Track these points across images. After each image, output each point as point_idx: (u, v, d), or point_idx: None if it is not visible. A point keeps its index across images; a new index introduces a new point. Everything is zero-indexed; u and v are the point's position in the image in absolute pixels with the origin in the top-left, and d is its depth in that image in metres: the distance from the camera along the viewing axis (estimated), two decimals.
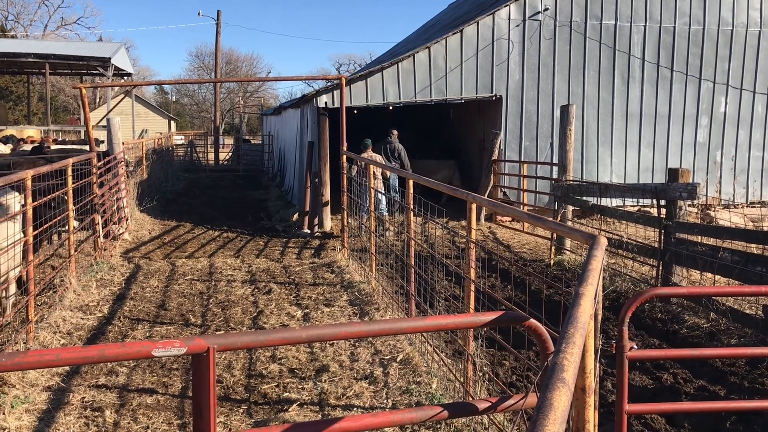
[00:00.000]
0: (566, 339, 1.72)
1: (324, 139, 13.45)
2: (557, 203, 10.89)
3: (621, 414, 3.26)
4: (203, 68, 76.75)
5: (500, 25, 14.43)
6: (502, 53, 14.51)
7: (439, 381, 5.42)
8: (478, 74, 14.44)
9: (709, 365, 6.30)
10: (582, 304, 2.04)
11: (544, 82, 14.79)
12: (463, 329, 5.52)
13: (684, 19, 15.25)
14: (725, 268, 7.15)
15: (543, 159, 14.74)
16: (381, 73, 14.02)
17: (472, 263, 4.82)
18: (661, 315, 7.82)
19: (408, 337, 6.45)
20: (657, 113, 15.35)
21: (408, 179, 6.77)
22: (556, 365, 1.54)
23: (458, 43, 14.28)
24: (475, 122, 16.94)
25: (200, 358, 1.93)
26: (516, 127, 14.84)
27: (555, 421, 1.27)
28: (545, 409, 1.31)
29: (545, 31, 14.63)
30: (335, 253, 10.72)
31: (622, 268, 9.60)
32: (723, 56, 15.53)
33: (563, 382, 1.44)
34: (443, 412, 2.23)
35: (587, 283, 2.31)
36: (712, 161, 15.75)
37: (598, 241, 3.06)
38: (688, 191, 7.84)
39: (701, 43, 15.40)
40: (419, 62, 14.12)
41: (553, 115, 14.58)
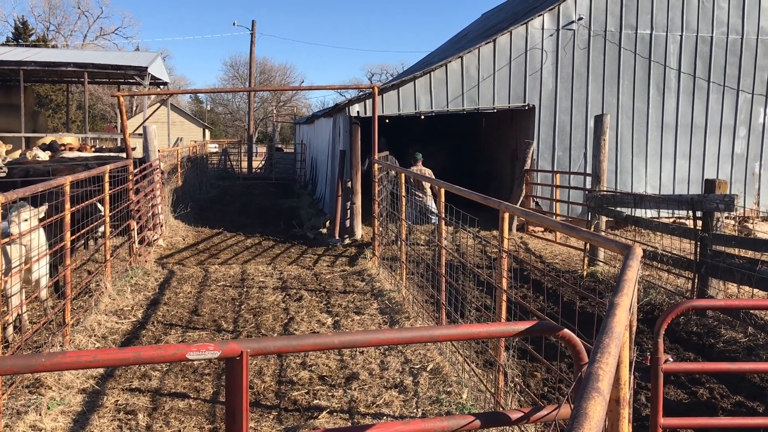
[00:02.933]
0: (601, 349, 1.70)
1: (356, 147, 13.50)
2: (591, 214, 10.77)
3: (656, 427, 3.20)
4: (237, 78, 77.80)
5: (534, 35, 14.37)
6: (536, 63, 14.43)
7: (470, 391, 5.39)
8: (511, 84, 14.39)
9: (747, 381, 6.16)
10: (617, 314, 2.01)
11: (578, 92, 14.67)
12: (494, 339, 5.48)
13: (722, 29, 15.01)
14: (764, 281, 6.99)
15: (576, 169, 14.60)
16: (413, 83, 14.05)
17: (504, 273, 4.79)
18: (697, 328, 7.67)
19: (438, 346, 6.43)
20: (693, 124, 15.12)
21: (440, 188, 6.76)
22: (591, 375, 1.52)
23: (491, 52, 14.25)
24: (507, 132, 16.86)
25: (233, 362, 1.95)
26: (549, 137, 14.74)
27: (590, 430, 1.25)
28: (580, 418, 1.29)
29: (579, 40, 14.53)
30: (366, 261, 10.74)
31: (657, 280, 9.44)
32: (762, 66, 15.24)
33: (598, 392, 1.42)
34: (475, 422, 2.21)
35: (622, 293, 2.28)
36: (750, 173, 15.43)
37: (634, 251, 3.02)
38: (726, 203, 7.70)
39: (739, 53, 15.14)
40: (452, 71, 14.12)
41: (586, 125, 14.45)
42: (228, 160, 32.27)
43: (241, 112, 75.40)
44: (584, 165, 14.52)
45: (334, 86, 15.40)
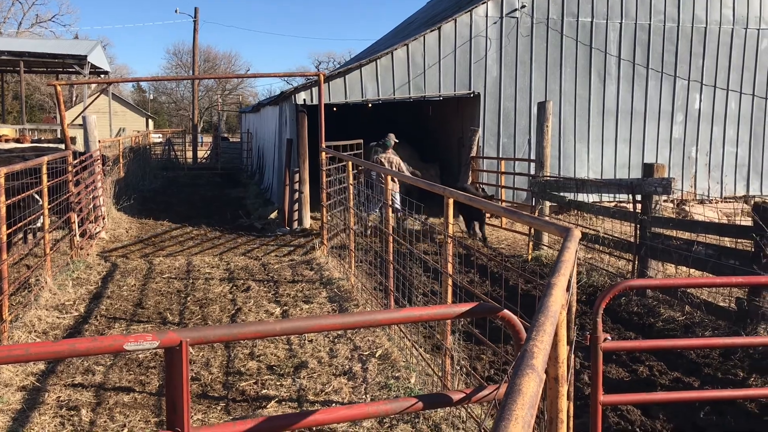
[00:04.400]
0: (536, 327, 1.74)
1: (303, 136, 13.41)
2: (535, 199, 10.97)
3: (596, 404, 3.30)
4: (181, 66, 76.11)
5: (478, 23, 14.49)
6: (480, 50, 14.57)
7: (418, 376, 5.44)
8: (456, 71, 14.49)
9: (684, 357, 6.39)
10: (553, 294, 2.06)
11: (522, 79, 14.88)
12: (441, 324, 5.55)
13: (659, 17, 15.42)
14: (699, 261, 7.25)
15: (521, 155, 14.83)
16: (359, 70, 14.02)
17: (450, 258, 4.84)
18: (638, 309, 7.91)
19: (387, 332, 6.47)
20: (633, 110, 15.52)
21: (386, 176, 6.78)
22: (525, 352, 1.56)
23: (436, 40, 14.32)
24: (453, 119, 16.99)
25: (173, 352, 1.92)
26: (494, 124, 14.92)
27: (523, 406, 1.28)
28: (514, 394, 1.32)
29: (522, 28, 14.72)
30: (315, 250, 10.70)
31: (599, 262, 9.69)
32: (697, 53, 15.74)
33: (532, 369, 1.46)
34: (418, 404, 2.24)
35: (559, 273, 2.33)
36: (687, 157, 15.95)
37: (572, 233, 3.09)
38: (663, 186, 7.94)
39: (676, 41, 15.59)
40: (398, 59, 14.14)
41: (530, 112, 14.68)
42: (172, 150, 31.65)
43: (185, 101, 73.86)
44: (528, 151, 14.75)
45: (279, 74, 15.15)
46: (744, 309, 6.59)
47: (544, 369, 1.53)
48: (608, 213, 9.36)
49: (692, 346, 4.53)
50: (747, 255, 6.71)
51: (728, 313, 6.92)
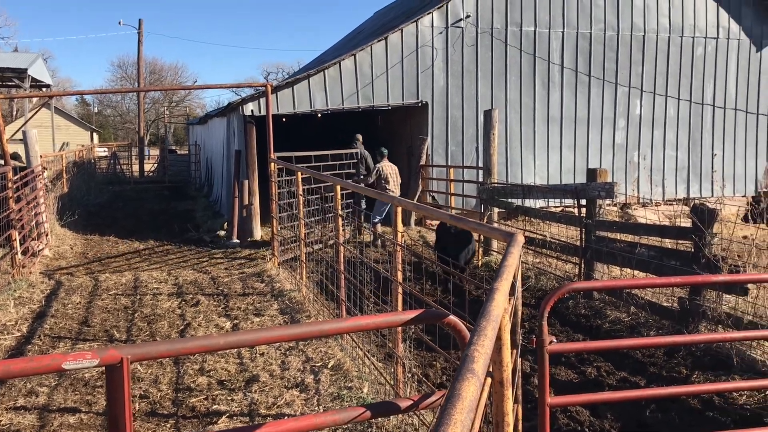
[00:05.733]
0: (478, 332, 1.77)
1: (251, 147, 13.31)
2: (483, 206, 11.11)
3: (543, 407, 3.35)
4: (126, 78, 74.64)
5: (424, 33, 14.64)
6: (427, 60, 14.72)
7: (371, 385, 5.44)
8: (404, 81, 14.61)
9: (631, 357, 6.55)
10: (495, 298, 2.09)
11: (468, 87, 15.09)
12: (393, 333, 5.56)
13: (599, 26, 15.85)
14: (642, 263, 7.45)
15: (469, 163, 15.01)
16: (307, 81, 14.00)
17: (399, 266, 4.87)
18: (585, 311, 8.08)
19: (339, 343, 6.45)
20: (577, 116, 15.89)
21: (336, 185, 6.78)
22: (467, 357, 1.58)
23: (383, 50, 14.41)
24: (402, 128, 17.10)
25: (114, 370, 1.89)
26: (442, 133, 15.08)
27: (462, 410, 1.30)
28: (453, 399, 1.34)
29: (467, 38, 14.94)
30: (265, 262, 10.61)
31: (547, 266, 9.87)
32: (637, 61, 16.22)
33: (472, 373, 1.48)
34: (366, 413, 2.25)
35: (502, 278, 2.37)
36: (629, 161, 16.40)
37: (515, 238, 3.15)
38: (606, 190, 8.14)
39: (616, 49, 16.04)
40: (345, 69, 14.17)
41: (477, 120, 14.88)
42: (118, 163, 31.00)
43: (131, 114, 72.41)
44: (477, 159, 14.94)
45: (226, 85, 14.98)
46: (686, 308, 6.79)
47: (485, 373, 1.55)
48: (554, 218, 9.55)
49: (634, 345, 4.65)
50: (687, 255, 6.93)
51: (671, 313, 7.12)
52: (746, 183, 17.50)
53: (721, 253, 6.70)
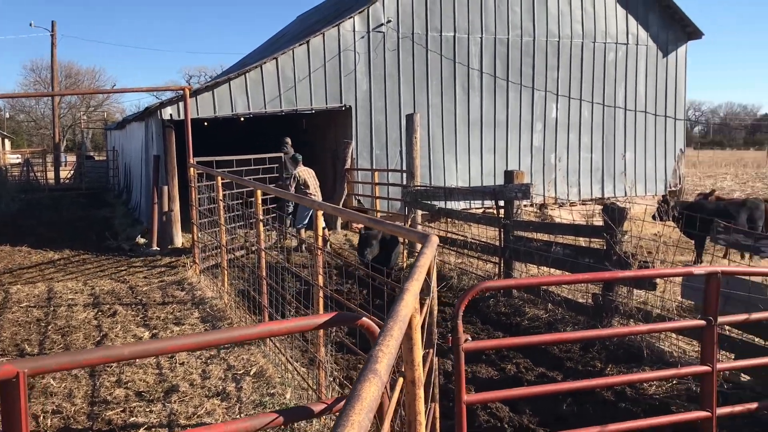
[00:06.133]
0: (384, 332, 1.79)
1: (170, 152, 13.00)
2: (407, 208, 11.22)
3: (460, 404, 3.41)
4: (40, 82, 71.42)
5: (346, 37, 14.68)
6: (350, 64, 14.76)
7: (294, 390, 5.40)
8: (327, 85, 14.59)
9: (549, 353, 6.74)
10: (405, 298, 2.12)
11: (391, 92, 15.21)
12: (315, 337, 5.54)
13: (516, 31, 16.28)
14: (558, 261, 7.69)
15: (394, 166, 15.13)
16: (228, 84, 13.79)
17: (320, 270, 4.86)
18: (505, 309, 8.26)
19: (262, 349, 6.38)
20: (496, 120, 16.26)
21: (256, 189, 6.70)
22: (370, 357, 1.60)
23: (306, 54, 14.36)
24: (327, 132, 17.08)
25: (9, 385, 1.81)
26: (366, 136, 15.14)
27: (361, 411, 1.31)
28: (352, 400, 1.35)
29: (389, 42, 15.07)
30: (186, 270, 10.38)
31: (469, 266, 10.05)
32: (552, 66, 16.74)
33: (375, 373, 1.50)
34: (278, 418, 2.23)
35: (413, 279, 2.40)
36: (547, 163, 16.90)
37: (430, 239, 3.20)
38: (523, 191, 8.36)
39: (533, 54, 16.52)
40: (267, 73, 14.04)
41: (401, 124, 15.01)
42: (32, 171, 29.66)
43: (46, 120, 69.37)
44: (401, 162, 15.06)
45: (142, 88, 14.58)
46: (599, 304, 7.05)
47: (388, 373, 1.57)
48: (475, 219, 9.74)
49: (545, 341, 4.81)
50: (600, 253, 7.20)
51: (586, 309, 7.38)
52: (656, 182, 18.32)
53: (631, 249, 6.99)
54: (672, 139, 18.51)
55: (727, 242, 5.86)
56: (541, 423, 5.20)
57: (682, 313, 7.12)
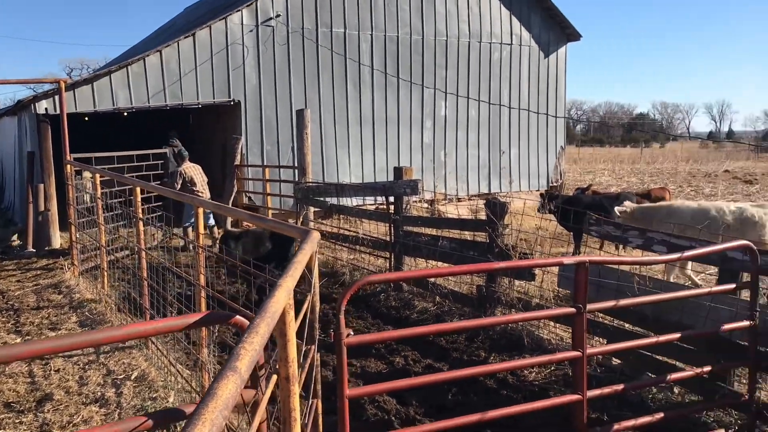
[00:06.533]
0: (250, 329, 1.76)
1: (46, 148, 12.29)
2: (299, 205, 11.15)
3: (342, 399, 3.42)
4: None
5: (233, 30, 14.37)
6: (238, 58, 14.47)
7: (177, 394, 5.25)
8: (215, 79, 14.24)
9: (436, 345, 6.90)
10: (276, 295, 2.10)
11: (281, 87, 15.05)
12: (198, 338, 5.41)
13: (405, 29, 16.51)
14: (445, 254, 7.88)
15: (285, 163, 14.96)
16: (109, 77, 13.19)
17: (202, 269, 4.74)
18: (395, 303, 8.38)
19: (144, 353, 6.16)
20: (387, 117, 16.44)
21: (135, 186, 6.44)
22: (232, 355, 1.57)
23: (191, 47, 13.94)
24: (216, 128, 16.67)
25: None
26: (257, 132, 14.91)
27: (215, 409, 1.29)
28: (207, 398, 1.32)
29: (279, 37, 14.89)
30: (63, 272, 9.84)
31: (362, 262, 10.12)
32: (440, 64, 17.11)
33: (234, 371, 1.47)
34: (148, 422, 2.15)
35: (287, 275, 2.39)
36: (437, 160, 17.27)
37: (310, 236, 3.19)
38: (411, 187, 8.50)
39: (422, 52, 16.81)
40: (151, 66, 13.53)
41: (292, 120, 14.88)
42: None
43: None
44: (293, 158, 14.94)
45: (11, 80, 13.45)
46: (483, 295, 7.29)
47: (249, 370, 1.55)
48: (366, 215, 9.81)
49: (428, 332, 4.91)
50: (483, 246, 7.43)
51: (471, 300, 7.61)
52: (539, 178, 19.14)
53: (512, 242, 7.26)
54: (554, 136, 19.39)
55: (598, 233, 6.19)
56: (427, 413, 5.32)
57: (561, 303, 7.48)
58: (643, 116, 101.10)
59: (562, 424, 4.82)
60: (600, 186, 24.00)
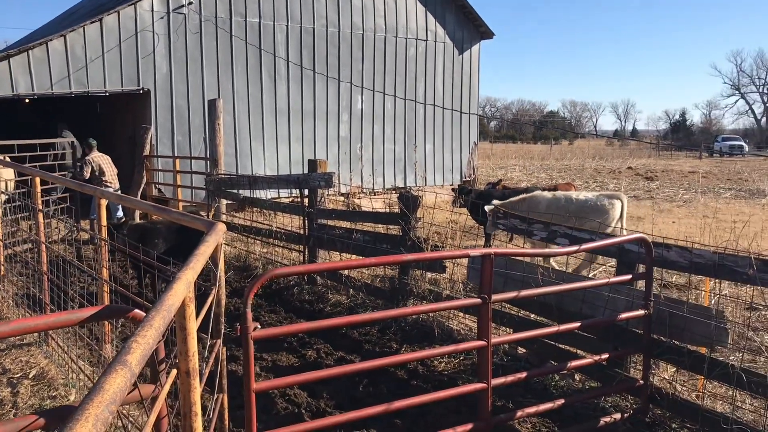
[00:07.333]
0: (144, 322, 1.73)
1: None
2: (210, 197, 10.93)
3: (249, 393, 3.40)
4: None
5: (143, 17, 13.90)
6: (148, 46, 14.01)
7: (78, 392, 5.06)
8: (123, 66, 13.74)
9: (349, 338, 6.93)
10: (174, 288, 2.06)
11: (194, 76, 14.68)
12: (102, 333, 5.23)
13: (321, 21, 16.43)
14: (359, 247, 7.93)
15: (198, 154, 14.63)
16: (8, 62, 12.49)
17: (105, 263, 4.58)
18: (309, 296, 8.36)
19: (43, 349, 5.90)
20: (303, 110, 16.33)
21: (34, 176, 6.15)
22: (123, 348, 1.54)
23: (98, 32, 13.40)
24: (124, 117, 16.10)
25: None
26: (167, 122, 14.50)
27: (100, 404, 1.26)
28: (93, 392, 1.29)
29: (191, 25, 14.51)
30: None
31: (276, 256, 10.04)
32: (357, 58, 17.14)
33: (123, 365, 1.44)
34: (39, 420, 2.07)
35: (187, 267, 2.34)
36: (353, 153, 17.30)
37: (214, 227, 3.14)
38: (326, 180, 8.50)
39: (338, 45, 16.78)
40: (54, 51, 12.91)
41: (204, 110, 14.54)
42: None
43: None
44: (205, 150, 14.60)
45: None
46: (395, 287, 7.37)
47: (141, 364, 1.52)
48: (279, 207, 9.73)
49: (337, 324, 4.94)
50: (396, 239, 7.52)
51: (384, 292, 7.68)
52: (453, 173, 19.50)
53: (424, 235, 7.38)
54: (467, 132, 19.78)
55: (505, 227, 6.38)
56: (338, 406, 5.34)
57: (470, 294, 7.66)
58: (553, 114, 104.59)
59: (469, 412, 4.95)
60: (511, 181, 24.69)
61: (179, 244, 7.91)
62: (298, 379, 3.74)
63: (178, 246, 7.89)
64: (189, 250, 2.61)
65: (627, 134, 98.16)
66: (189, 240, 8.49)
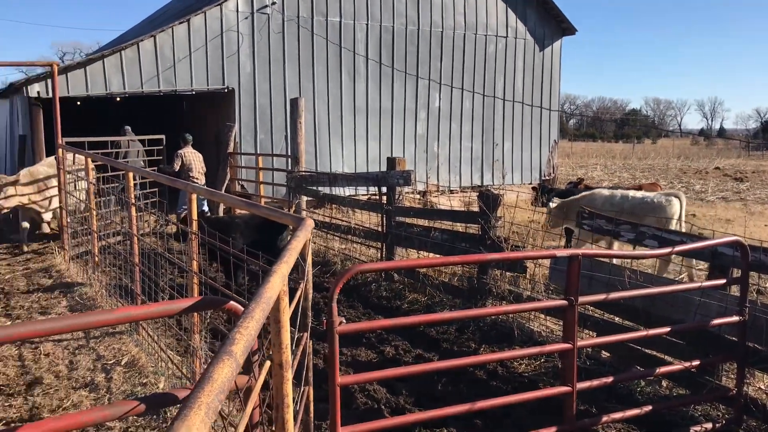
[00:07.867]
0: (245, 314, 1.76)
1: (38, 131, 12.22)
2: (291, 194, 11.12)
3: (334, 387, 3.44)
4: None
5: (228, 17, 14.30)
6: (232, 45, 14.40)
7: (167, 380, 5.25)
8: (209, 66, 14.17)
9: (426, 336, 6.92)
10: (271, 281, 2.10)
11: (276, 75, 14.99)
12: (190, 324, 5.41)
13: (401, 20, 16.47)
14: (436, 245, 7.90)
15: (279, 151, 14.93)
16: (102, 62, 13.10)
17: (195, 255, 4.73)
18: (387, 293, 8.40)
19: (134, 338, 6.16)
20: (381, 108, 16.41)
21: (128, 172, 6.42)
22: (227, 339, 1.58)
23: (186, 32, 13.87)
24: (209, 115, 16.62)
25: None
26: (251, 120, 14.86)
27: (211, 393, 1.29)
28: (203, 381, 1.33)
29: (274, 24, 14.82)
30: (54, 256, 9.81)
31: (354, 252, 10.13)
32: (435, 55, 17.09)
33: (230, 355, 1.48)
34: (140, 406, 2.16)
35: (282, 261, 2.39)
36: (430, 151, 17.27)
37: (305, 223, 3.18)
38: (404, 178, 8.50)
39: (417, 43, 16.77)
40: (144, 51, 13.45)
41: (286, 109, 14.84)
42: None
43: None
44: (286, 147, 14.91)
45: (2, 63, 13.26)
46: (474, 286, 7.31)
47: (245, 355, 1.56)
48: (358, 205, 9.81)
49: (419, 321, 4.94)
50: (475, 238, 7.45)
51: (462, 292, 7.63)
52: (532, 171, 19.18)
53: (505, 234, 7.28)
54: (547, 130, 19.41)
55: (590, 227, 6.22)
56: (416, 403, 5.34)
57: (551, 296, 7.51)
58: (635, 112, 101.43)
59: (551, 415, 4.85)
60: (592, 181, 24.08)
61: (257, 240, 8.08)
62: (381, 375, 3.76)
63: (255, 242, 8.04)
64: (265, 247, 2.67)
65: (714, 133, 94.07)
66: (266, 236, 8.70)
